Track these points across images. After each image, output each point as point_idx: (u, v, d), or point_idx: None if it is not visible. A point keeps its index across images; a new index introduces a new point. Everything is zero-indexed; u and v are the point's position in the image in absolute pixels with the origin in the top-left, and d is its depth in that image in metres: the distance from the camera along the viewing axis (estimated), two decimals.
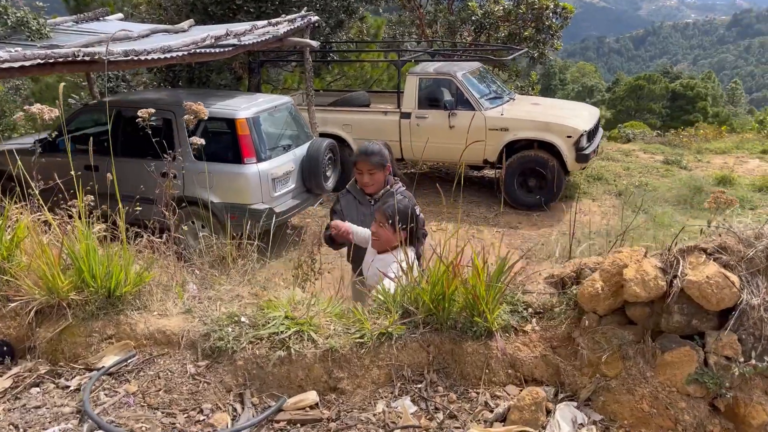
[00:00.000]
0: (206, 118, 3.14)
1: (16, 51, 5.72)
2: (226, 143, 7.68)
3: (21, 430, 2.16)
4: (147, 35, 8.88)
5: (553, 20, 12.08)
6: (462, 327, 2.39)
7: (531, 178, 9.17)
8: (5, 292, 2.74)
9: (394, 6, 14.04)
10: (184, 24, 9.81)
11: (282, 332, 2.43)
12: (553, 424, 2.10)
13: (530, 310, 2.44)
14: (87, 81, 10.86)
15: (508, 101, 9.72)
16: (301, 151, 8.13)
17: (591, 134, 9.17)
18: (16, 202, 3.02)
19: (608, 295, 2.20)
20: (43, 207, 2.82)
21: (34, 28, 8.45)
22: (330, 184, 8.36)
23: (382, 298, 2.55)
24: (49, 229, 2.87)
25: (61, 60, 5.85)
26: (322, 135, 9.34)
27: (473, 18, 12.21)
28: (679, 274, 2.07)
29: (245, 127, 7.41)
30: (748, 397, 1.99)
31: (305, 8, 10.59)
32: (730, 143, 12.32)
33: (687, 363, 2.03)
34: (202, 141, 3.19)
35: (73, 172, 2.83)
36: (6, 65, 5.43)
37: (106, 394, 2.35)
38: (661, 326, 2.12)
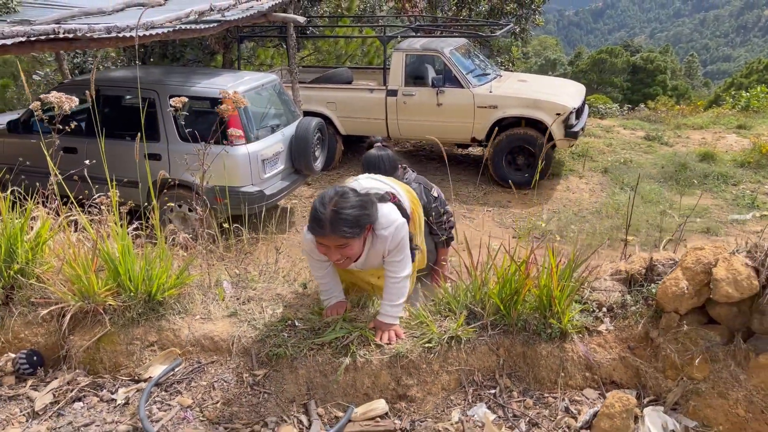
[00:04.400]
0: (244, 106, 2.93)
1: None
2: (212, 124, 7.39)
3: None
4: (121, 9, 8.44)
5: None
6: (535, 329, 2.28)
7: (519, 156, 9.11)
8: (31, 297, 2.53)
9: None
10: None
11: (343, 337, 2.29)
12: (642, 431, 2.02)
13: (603, 309, 2.35)
14: (56, 58, 10.33)
15: (495, 78, 9.59)
16: (290, 130, 7.88)
17: (579, 111, 9.13)
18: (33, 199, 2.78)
19: (692, 294, 2.12)
20: (75, 206, 2.60)
21: (0, 1, 7.96)
22: (318, 164, 8.15)
23: (445, 299, 2.43)
24: (76, 228, 2.65)
25: (43, 38, 5.48)
26: (306, 113, 9.09)
27: None
28: None
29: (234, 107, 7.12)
30: None
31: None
32: (707, 119, 12.49)
33: None
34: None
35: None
36: None
37: (159, 408, 2.19)
38: (752, 327, 2.05)
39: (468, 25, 11.39)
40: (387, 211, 2.32)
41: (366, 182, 2.52)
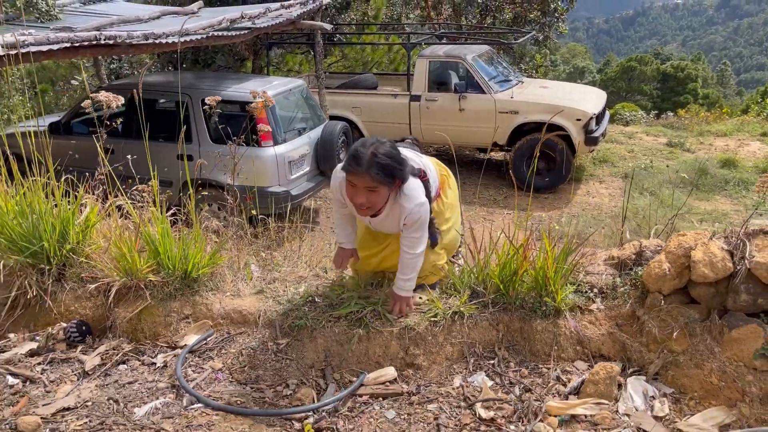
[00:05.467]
0: (271, 105, 3.21)
1: (38, 34, 5.72)
2: (242, 126, 7.71)
3: (121, 404, 2.26)
4: (157, 17, 8.85)
5: (559, 3, 12.13)
6: (531, 306, 2.51)
7: (540, 161, 9.28)
8: (81, 274, 2.83)
9: None
10: (194, 6, 9.77)
11: (358, 311, 2.55)
12: (625, 397, 2.24)
13: (594, 290, 2.57)
14: (94, 63, 10.80)
15: (517, 84, 9.79)
16: (315, 134, 8.18)
17: (599, 117, 9.28)
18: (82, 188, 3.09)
19: (674, 276, 2.33)
20: (121, 193, 2.90)
21: (43, 9, 8.40)
22: None
23: (451, 280, 2.67)
24: (121, 214, 2.95)
25: (86, 44, 5.86)
26: (332, 118, 9.39)
27: (478, 0, 12.24)
28: (746, 255, 2.20)
29: (263, 111, 7.44)
30: None
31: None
32: (731, 126, 12.49)
33: (753, 339, 2.17)
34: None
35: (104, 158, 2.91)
36: (34, 48, 5.44)
37: (193, 371, 2.46)
38: (727, 305, 2.25)
39: (491, 33, 11.61)
40: (413, 187, 2.47)
41: (404, 151, 2.61)
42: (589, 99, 9.50)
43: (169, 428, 2.09)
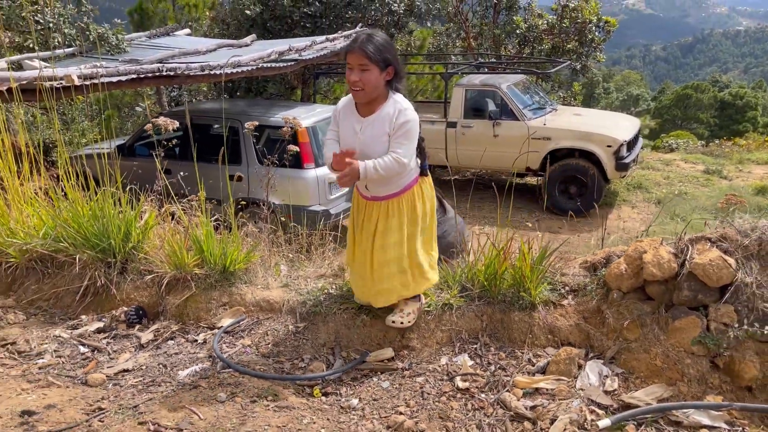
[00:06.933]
0: (301, 128, 3.74)
1: (109, 66, 6.49)
2: (287, 150, 8.33)
3: (168, 368, 2.80)
4: (214, 50, 9.66)
5: (596, 33, 12.50)
6: (510, 300, 2.95)
7: (572, 186, 9.60)
8: (140, 268, 3.41)
9: (442, 19, 14.63)
10: (248, 39, 10.58)
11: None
12: (583, 375, 2.64)
13: (567, 288, 2.99)
14: (156, 91, 11.70)
15: (550, 112, 10.17)
16: None
17: (631, 144, 9.55)
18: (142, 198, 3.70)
19: (631, 275, 2.73)
20: (175, 203, 3.49)
21: (113, 43, 9.32)
22: None
23: (444, 277, 3.13)
24: (172, 219, 3.54)
25: (150, 75, 6.60)
26: None
27: (517, 31, 12.72)
28: (688, 257, 2.59)
29: (305, 135, 8.05)
30: (742, 356, 2.49)
31: (359, 24, 11.27)
32: None
33: (693, 328, 2.55)
34: (297, 149, 3.80)
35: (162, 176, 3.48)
36: (106, 79, 6.20)
37: (227, 346, 2.99)
38: (673, 300, 2.64)
39: (528, 62, 12.05)
40: (407, 102, 2.70)
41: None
42: (621, 126, 9.79)
43: (205, 385, 2.61)
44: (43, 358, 2.93)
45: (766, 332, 2.43)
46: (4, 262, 3.57)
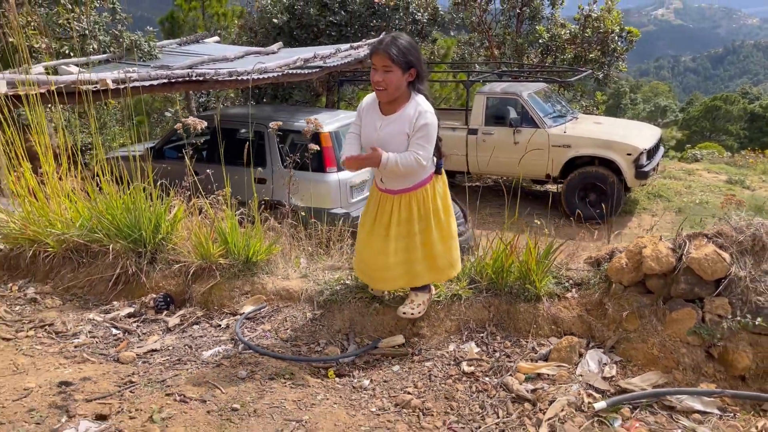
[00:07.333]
0: (321, 130, 3.94)
1: (141, 71, 6.78)
2: (312, 154, 8.55)
3: (193, 349, 3.01)
4: (242, 57, 9.95)
5: (619, 43, 12.56)
6: (516, 292, 3.10)
7: (591, 193, 9.67)
8: (168, 258, 3.63)
9: (466, 28, 14.81)
10: (274, 46, 10.86)
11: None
12: (583, 363, 2.78)
13: (571, 282, 3.13)
14: (186, 97, 12.04)
15: (571, 120, 10.27)
16: None
17: (651, 152, 9.61)
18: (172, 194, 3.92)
19: (631, 269, 2.87)
20: (202, 196, 3.71)
21: (145, 50, 9.67)
22: None
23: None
24: (200, 213, 3.75)
25: (180, 80, 6.88)
26: None
27: (540, 41, 12.84)
28: (685, 252, 2.72)
29: (328, 140, 8.27)
30: (735, 346, 2.61)
31: (383, 33, 11.51)
32: None
33: (688, 320, 2.68)
34: (317, 147, 4.00)
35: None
36: (137, 83, 6.48)
37: (248, 330, 3.18)
38: (671, 293, 2.77)
39: (550, 71, 12.16)
40: (429, 106, 2.83)
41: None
42: (642, 135, 9.85)
43: (227, 364, 2.80)
44: (78, 338, 3.15)
45: (758, 323, 2.55)
46: (42, 251, 3.81)
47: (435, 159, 3.01)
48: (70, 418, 2.33)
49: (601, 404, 2.45)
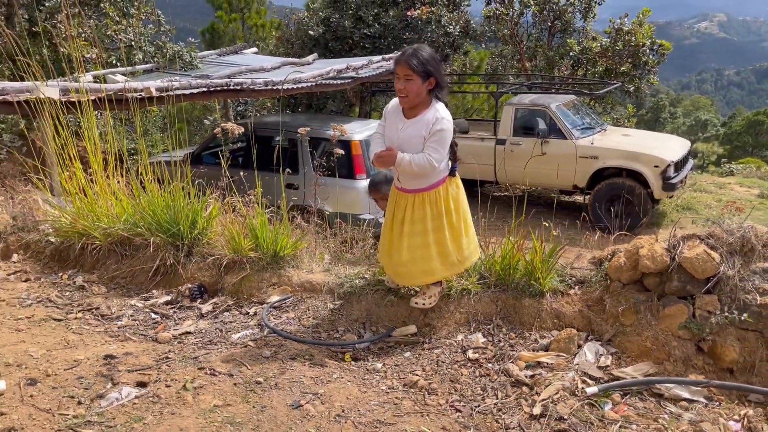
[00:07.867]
0: (352, 138, 4.22)
1: (182, 80, 7.19)
2: (341, 161, 8.82)
3: (223, 332, 3.31)
4: (278, 67, 10.35)
5: (650, 56, 12.63)
6: (522, 288, 3.32)
7: (618, 204, 9.76)
8: (203, 251, 3.95)
9: (498, 40, 15.04)
10: (309, 57, 11.25)
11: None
12: (581, 354, 2.98)
13: (574, 279, 3.33)
14: (224, 105, 12.50)
15: (599, 132, 10.38)
16: None
17: (679, 165, 9.66)
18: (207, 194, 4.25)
19: (629, 268, 3.07)
20: (235, 195, 4.02)
21: (187, 60, 10.13)
22: None
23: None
24: (233, 211, 4.07)
25: (218, 89, 7.27)
26: None
27: (571, 54, 12.99)
28: (678, 252, 2.91)
29: (359, 148, 8.57)
30: (723, 340, 2.79)
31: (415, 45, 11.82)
32: None
33: (680, 315, 2.86)
34: (342, 151, 4.28)
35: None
36: (179, 92, 6.88)
37: (273, 318, 3.47)
38: (665, 290, 2.96)
39: (580, 83, 12.29)
40: (448, 114, 3.10)
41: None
42: (670, 147, 9.91)
43: (253, 345, 3.09)
44: (121, 321, 3.48)
45: (744, 319, 2.73)
46: (90, 244, 4.17)
47: (450, 163, 3.26)
48: (114, 385, 2.64)
49: (593, 389, 2.65)
